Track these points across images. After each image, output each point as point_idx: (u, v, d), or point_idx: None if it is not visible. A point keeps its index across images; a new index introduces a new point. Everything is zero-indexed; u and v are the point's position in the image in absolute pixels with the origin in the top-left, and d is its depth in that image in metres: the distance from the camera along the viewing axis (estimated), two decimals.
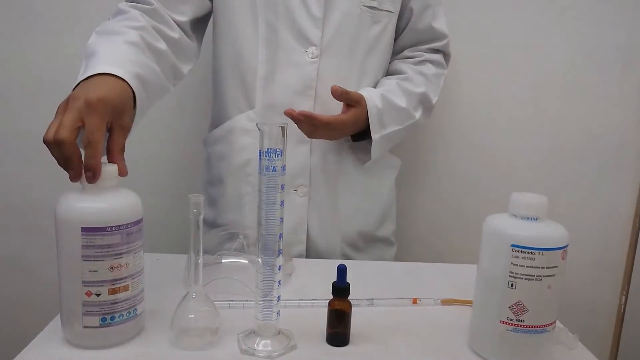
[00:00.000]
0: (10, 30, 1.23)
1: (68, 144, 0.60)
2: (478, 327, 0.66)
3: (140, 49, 0.79)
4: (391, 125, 0.99)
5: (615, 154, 1.35)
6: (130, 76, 0.71)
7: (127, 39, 0.78)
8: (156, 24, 0.87)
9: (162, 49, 0.85)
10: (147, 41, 0.82)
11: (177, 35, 0.91)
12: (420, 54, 1.07)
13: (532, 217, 0.61)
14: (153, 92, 0.79)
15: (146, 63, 0.78)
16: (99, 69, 0.70)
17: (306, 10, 0.94)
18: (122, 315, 0.63)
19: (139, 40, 0.79)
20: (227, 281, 0.78)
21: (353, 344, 0.67)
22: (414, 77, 1.03)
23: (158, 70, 0.81)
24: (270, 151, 0.60)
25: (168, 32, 0.89)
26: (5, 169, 1.29)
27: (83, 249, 0.59)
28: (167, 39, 0.88)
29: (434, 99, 1.05)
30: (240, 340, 0.65)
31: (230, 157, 1.01)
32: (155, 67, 0.81)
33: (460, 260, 0.95)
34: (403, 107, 0.99)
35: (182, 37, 0.92)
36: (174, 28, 0.91)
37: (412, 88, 1.02)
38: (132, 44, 0.78)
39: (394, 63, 1.08)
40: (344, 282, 0.66)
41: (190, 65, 0.96)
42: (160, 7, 0.89)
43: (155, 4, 0.89)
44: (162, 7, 0.89)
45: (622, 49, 1.30)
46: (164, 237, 1.15)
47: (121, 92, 0.69)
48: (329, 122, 0.92)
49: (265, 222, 0.62)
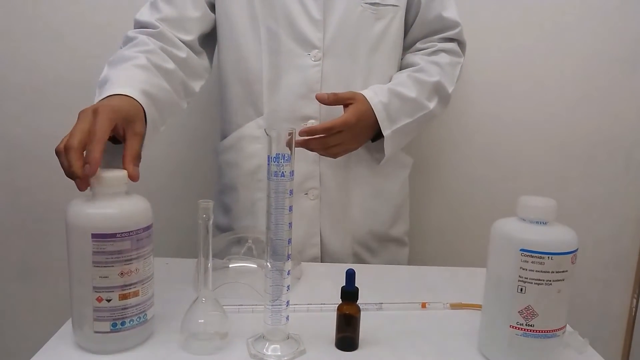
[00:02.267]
0: (26, 34, 1.25)
1: (74, 150, 0.61)
2: (487, 332, 0.66)
3: (148, 70, 0.82)
4: (401, 119, 0.97)
5: (625, 155, 1.34)
6: (137, 93, 0.74)
7: (136, 62, 0.81)
8: (163, 45, 0.90)
9: (171, 69, 0.88)
10: (154, 62, 0.85)
11: (185, 54, 0.93)
12: (433, 44, 1.04)
13: (541, 221, 0.61)
14: (164, 109, 0.82)
15: (155, 82, 0.81)
16: (109, 92, 0.73)
17: (305, 13, 0.94)
18: (133, 321, 0.63)
19: (147, 63, 0.83)
20: (236, 285, 0.78)
21: (362, 348, 0.67)
22: (427, 67, 1.01)
23: (168, 88, 0.84)
24: (279, 156, 0.60)
25: (175, 52, 0.91)
26: (18, 174, 1.31)
27: (93, 255, 0.60)
28: (175, 58, 0.91)
29: (450, 88, 1.02)
30: (249, 345, 0.65)
31: (241, 164, 1.02)
32: (164, 85, 0.84)
33: (474, 262, 0.95)
34: (413, 97, 0.97)
35: (190, 56, 0.95)
36: (181, 48, 0.93)
37: (425, 78, 0.99)
38: (140, 67, 0.81)
39: (407, 57, 1.06)
40: (353, 286, 0.66)
41: (201, 82, 0.99)
42: (166, 29, 0.92)
43: (160, 27, 0.91)
44: (167, 28, 0.92)
45: (632, 50, 1.29)
46: (176, 241, 1.16)
47: (130, 104, 0.72)
48: (331, 127, 0.89)
49: (275, 227, 0.62)
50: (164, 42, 0.91)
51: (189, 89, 0.95)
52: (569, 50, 1.29)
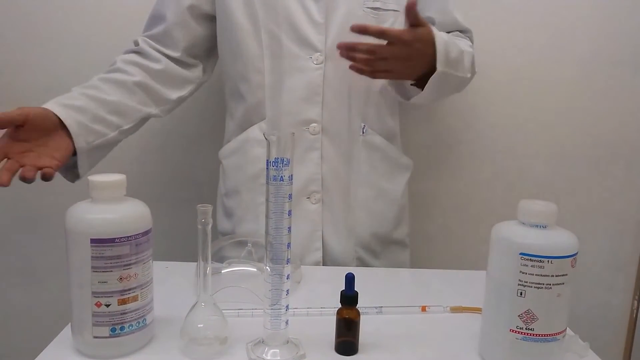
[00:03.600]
0: (25, 37, 1.25)
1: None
2: (488, 336, 0.66)
3: (91, 88, 0.93)
4: (453, 65, 0.92)
5: (626, 157, 1.34)
6: (54, 105, 0.85)
7: (83, 85, 0.93)
8: (137, 60, 0.99)
9: (133, 81, 0.97)
10: (110, 79, 0.95)
11: (162, 66, 1.00)
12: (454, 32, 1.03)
13: (541, 224, 0.61)
14: (110, 109, 0.92)
15: (91, 94, 0.91)
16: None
17: (307, 16, 0.94)
18: (132, 325, 0.63)
19: (96, 82, 0.94)
20: (235, 289, 0.78)
21: (362, 352, 0.67)
22: (461, 41, 0.99)
23: (114, 99, 0.93)
24: (278, 161, 0.60)
25: (150, 64, 0.99)
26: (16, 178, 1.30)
27: (92, 260, 0.60)
28: (149, 71, 0.99)
29: (474, 70, 1.01)
30: (249, 350, 0.65)
31: (244, 168, 1.02)
32: (107, 97, 0.93)
33: (474, 262, 0.95)
34: (464, 53, 0.94)
35: (168, 68, 1.01)
36: (159, 60, 1.00)
37: (465, 48, 0.97)
38: (83, 87, 0.93)
39: None
40: (352, 290, 0.66)
41: (180, 92, 1.04)
42: (146, 45, 1.01)
43: (140, 44, 1.01)
44: (151, 43, 1.01)
45: (633, 53, 1.29)
46: (177, 245, 1.16)
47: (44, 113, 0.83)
48: (385, 31, 0.84)
49: (274, 231, 0.62)
50: (141, 56, 1.00)
51: (161, 97, 1.01)
52: (569, 53, 1.29)
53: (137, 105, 0.97)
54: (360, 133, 1.00)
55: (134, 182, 0.71)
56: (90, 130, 0.88)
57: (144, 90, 0.98)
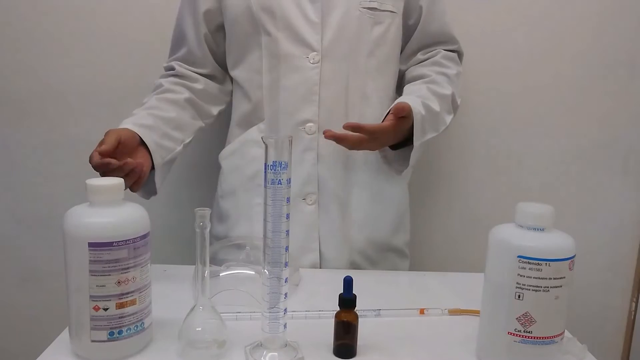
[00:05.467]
0: (25, 40, 1.25)
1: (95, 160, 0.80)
2: (485, 338, 0.66)
3: (151, 108, 0.98)
4: (429, 132, 0.96)
5: (623, 159, 1.34)
6: (131, 125, 0.89)
7: (145, 106, 0.98)
8: (180, 80, 1.04)
9: (182, 98, 1.02)
10: (164, 98, 1.00)
11: (202, 85, 1.05)
12: (437, 52, 1.05)
13: (538, 227, 0.61)
14: (168, 130, 0.97)
15: (155, 113, 0.96)
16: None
17: (303, 15, 0.95)
18: (130, 329, 0.63)
19: (154, 102, 0.99)
20: (234, 292, 0.78)
21: (360, 355, 0.67)
22: (439, 80, 1.01)
23: (172, 116, 0.99)
24: (276, 164, 0.60)
25: (191, 84, 1.04)
26: (17, 181, 1.30)
27: (90, 263, 0.60)
28: (192, 89, 1.04)
29: (459, 100, 1.03)
30: (247, 353, 0.65)
31: (242, 169, 1.03)
32: (166, 114, 0.98)
33: (472, 265, 0.94)
34: (437, 111, 0.96)
35: (208, 86, 1.07)
36: (197, 80, 1.05)
37: (441, 91, 0.99)
38: (145, 107, 0.98)
39: (414, 69, 1.06)
40: (351, 293, 0.66)
41: (220, 107, 1.10)
42: (181, 67, 1.05)
43: (176, 67, 1.05)
44: (184, 66, 1.05)
45: (629, 54, 1.29)
46: (176, 248, 1.16)
47: (126, 131, 0.88)
48: (374, 131, 0.88)
49: (272, 234, 0.62)
50: (181, 78, 1.04)
51: (206, 112, 1.07)
52: (566, 54, 1.29)
53: (191, 119, 1.03)
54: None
55: None
56: (162, 147, 0.94)
57: (193, 106, 1.04)
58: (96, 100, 1.26)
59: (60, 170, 1.28)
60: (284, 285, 0.63)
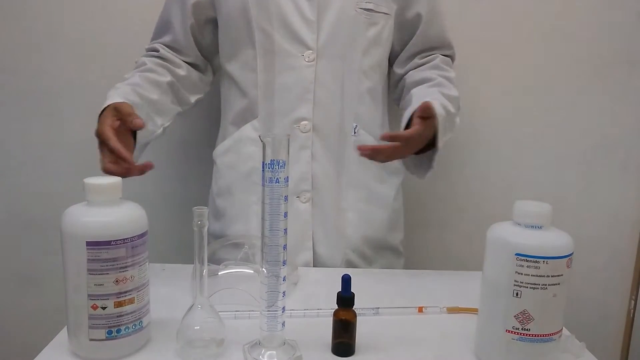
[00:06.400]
0: (24, 39, 1.25)
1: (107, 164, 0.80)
2: (484, 336, 0.66)
3: (135, 85, 0.94)
4: (448, 133, 0.94)
5: (621, 157, 1.34)
6: (121, 100, 0.87)
7: (129, 81, 0.95)
8: (164, 64, 1.02)
9: (165, 81, 1.00)
10: (147, 77, 0.98)
11: (184, 72, 1.04)
12: (435, 56, 1.05)
13: (536, 225, 0.61)
14: (155, 109, 0.95)
15: (139, 91, 0.93)
16: (103, 106, 0.87)
17: (299, 13, 0.95)
18: (128, 328, 0.63)
19: (138, 80, 0.96)
20: (232, 291, 0.78)
21: (358, 353, 0.67)
22: (444, 83, 1.00)
23: (155, 97, 0.96)
24: (274, 163, 0.60)
25: (174, 69, 1.03)
26: (16, 182, 1.30)
27: (88, 262, 0.60)
28: (175, 74, 1.03)
29: (460, 102, 1.02)
30: (245, 351, 0.65)
31: (237, 166, 1.02)
32: (150, 95, 0.95)
33: (470, 263, 0.94)
34: (454, 112, 0.95)
35: (190, 74, 1.06)
36: (180, 66, 1.04)
37: (450, 92, 0.97)
38: (130, 84, 0.95)
39: (414, 73, 1.05)
40: (349, 292, 0.66)
41: (198, 95, 1.09)
42: (166, 51, 1.04)
43: (160, 50, 1.03)
44: (167, 50, 1.04)
45: (629, 52, 1.29)
46: (174, 247, 1.16)
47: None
48: (409, 137, 0.85)
49: (270, 233, 0.62)
50: (165, 60, 1.03)
51: (185, 99, 1.05)
52: (565, 52, 1.29)
53: (171, 104, 1.02)
54: (352, 133, 1.00)
55: (130, 184, 0.71)
56: (146, 128, 0.90)
57: (174, 91, 1.03)
58: (95, 100, 1.25)
59: (58, 169, 1.28)
60: (282, 284, 0.63)
